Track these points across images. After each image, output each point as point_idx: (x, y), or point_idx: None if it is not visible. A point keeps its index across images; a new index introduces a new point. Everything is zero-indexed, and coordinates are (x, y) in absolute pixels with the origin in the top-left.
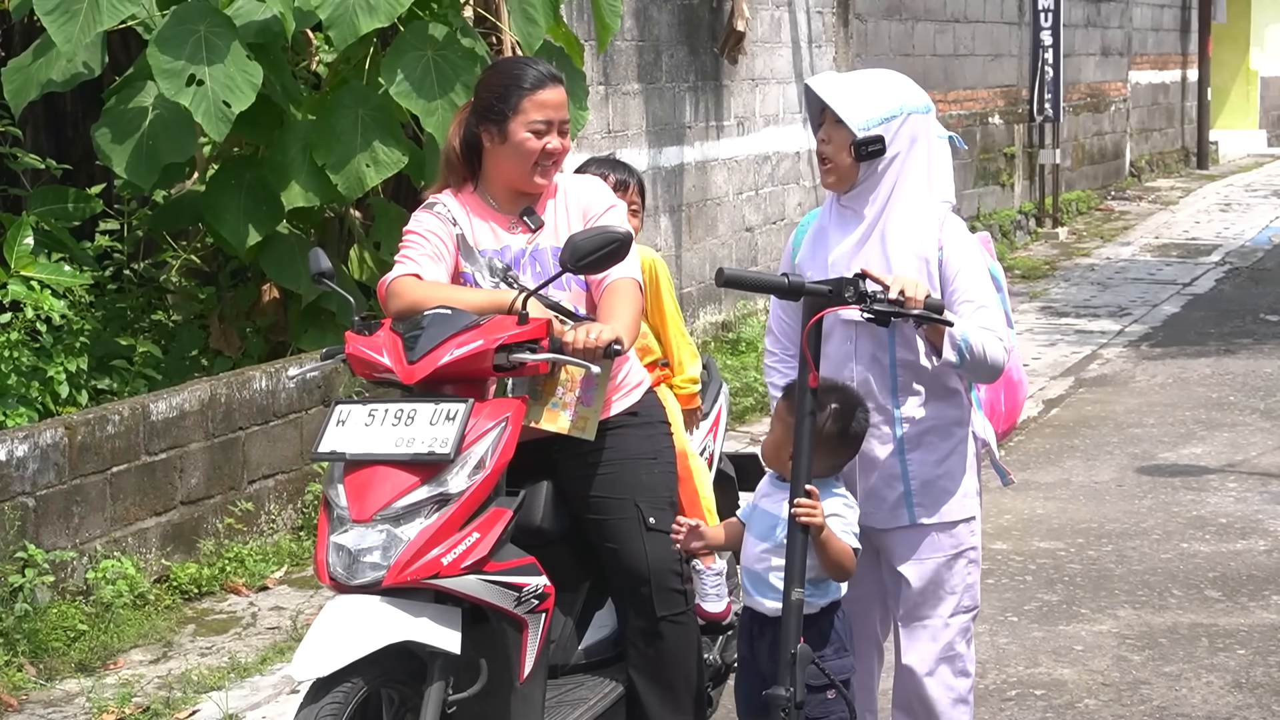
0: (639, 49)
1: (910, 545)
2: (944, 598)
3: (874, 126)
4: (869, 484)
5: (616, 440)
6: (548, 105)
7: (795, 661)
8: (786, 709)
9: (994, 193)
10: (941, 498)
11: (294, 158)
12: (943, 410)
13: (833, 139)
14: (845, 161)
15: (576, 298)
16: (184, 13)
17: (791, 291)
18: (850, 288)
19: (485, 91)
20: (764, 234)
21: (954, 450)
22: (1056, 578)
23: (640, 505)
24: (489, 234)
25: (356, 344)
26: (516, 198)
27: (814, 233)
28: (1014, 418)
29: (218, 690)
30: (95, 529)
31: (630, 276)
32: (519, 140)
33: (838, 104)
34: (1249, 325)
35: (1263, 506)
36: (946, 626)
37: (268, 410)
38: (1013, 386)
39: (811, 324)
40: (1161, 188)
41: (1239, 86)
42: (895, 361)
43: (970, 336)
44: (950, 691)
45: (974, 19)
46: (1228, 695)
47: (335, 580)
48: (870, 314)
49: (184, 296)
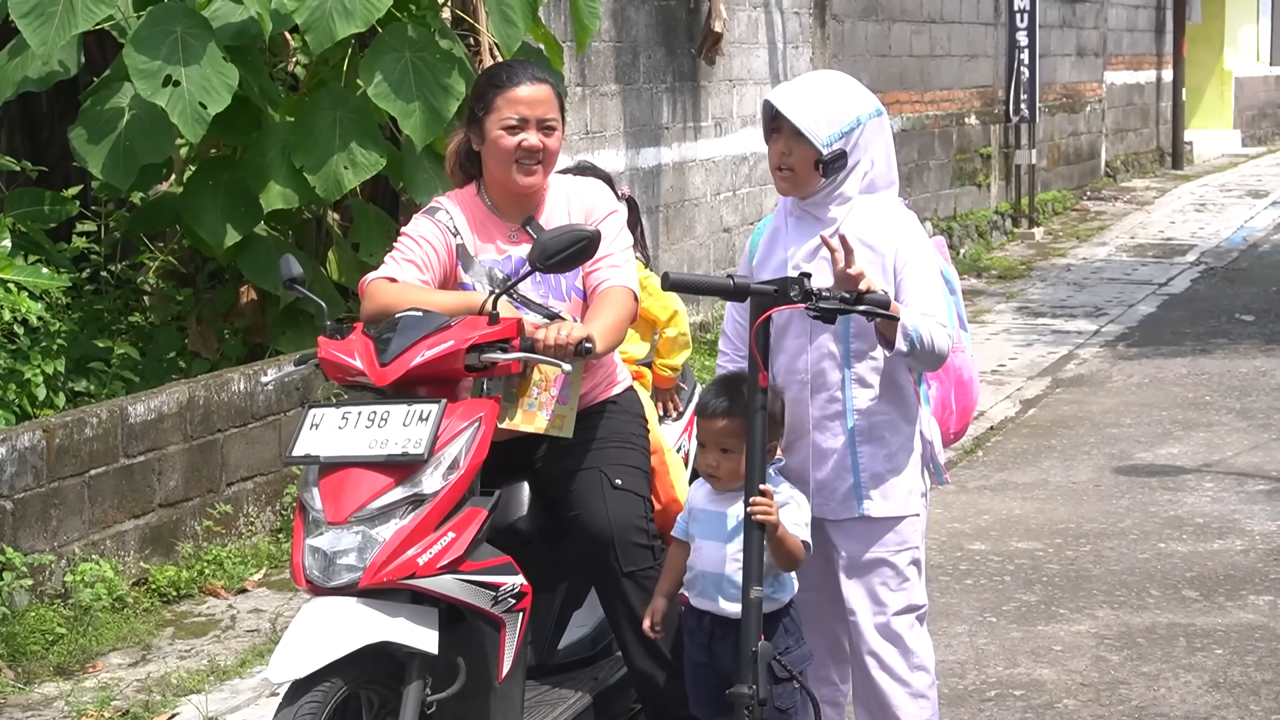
0: (616, 50)
1: (857, 538)
2: (888, 593)
3: (835, 141)
4: (821, 475)
5: (591, 423)
6: (520, 102)
7: (756, 659)
8: (750, 706)
9: (970, 193)
10: (889, 491)
11: (272, 159)
12: (893, 405)
13: (794, 151)
14: (807, 173)
15: (575, 308)
16: (161, 14)
17: (737, 293)
18: (795, 287)
19: (471, 95)
20: (741, 235)
21: (902, 446)
22: (1035, 578)
23: (605, 471)
24: (490, 244)
25: (329, 348)
26: (515, 202)
27: (769, 235)
28: (966, 418)
29: (197, 693)
30: (73, 532)
31: (623, 285)
32: (494, 138)
33: (802, 121)
34: (1224, 325)
35: (1239, 506)
36: (890, 621)
37: (246, 412)
38: (964, 385)
39: (759, 323)
40: (1137, 188)
41: (1213, 87)
42: (849, 354)
43: (919, 326)
44: (905, 687)
45: (950, 19)
46: (1206, 695)
47: (311, 582)
48: (816, 312)
49: (161, 298)
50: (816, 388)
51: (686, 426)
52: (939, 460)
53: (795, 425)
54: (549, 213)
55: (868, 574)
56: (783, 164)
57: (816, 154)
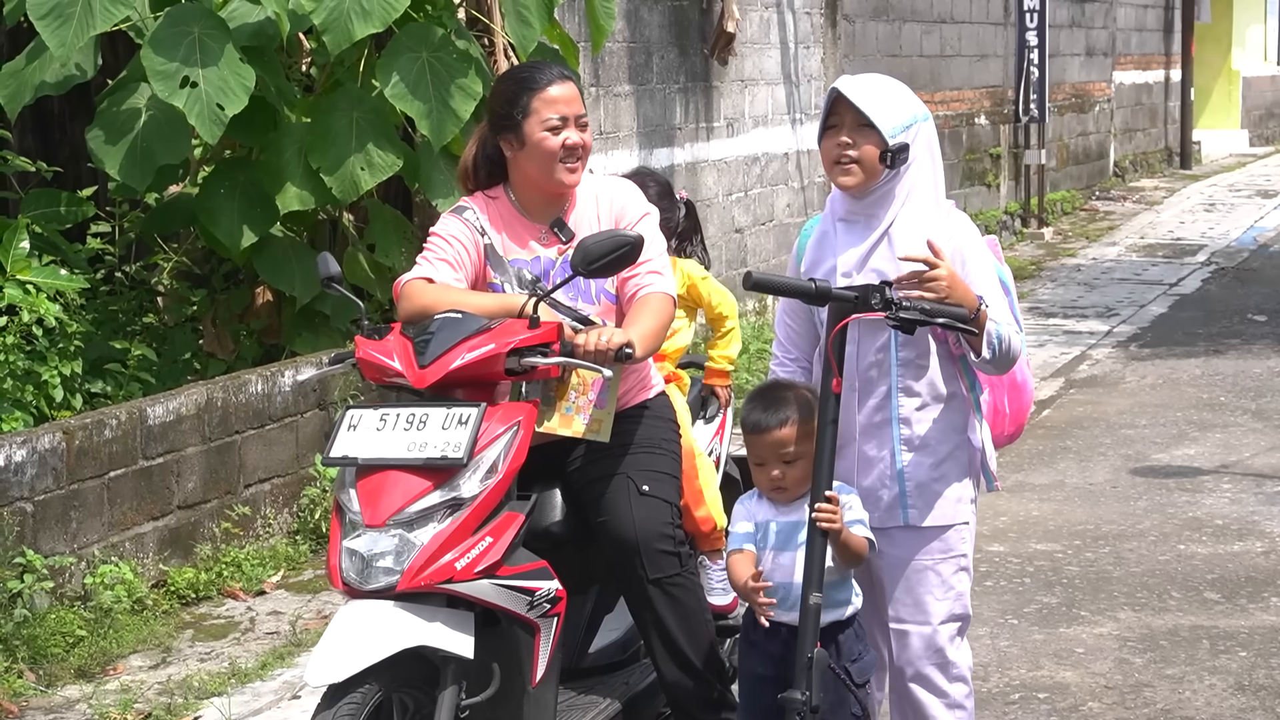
0: (630, 50)
1: (902, 547)
2: (933, 602)
3: (899, 134)
4: (865, 483)
5: (623, 427)
6: (558, 101)
7: (812, 665)
8: (802, 712)
9: (980, 193)
10: (936, 501)
11: (288, 160)
12: (942, 413)
13: (859, 143)
14: (872, 166)
15: (605, 311)
16: (178, 14)
17: (818, 297)
18: (876, 294)
19: (495, 102)
20: (753, 235)
21: (951, 454)
22: (1055, 580)
23: (633, 477)
24: (520, 245)
25: (367, 348)
26: (547, 204)
27: (817, 239)
28: (1020, 420)
29: (219, 696)
30: (93, 534)
31: (662, 291)
32: (537, 140)
33: (871, 110)
34: (1237, 325)
35: (1258, 508)
36: (935, 632)
37: (264, 414)
38: (1017, 388)
39: (837, 330)
40: (1145, 188)
41: (1221, 86)
42: (897, 362)
43: (1001, 331)
44: (942, 697)
45: (960, 19)
46: (1231, 698)
47: (348, 585)
48: (895, 322)
49: (175, 299)
50: (864, 395)
51: (718, 430)
52: (991, 467)
53: (842, 432)
54: (578, 213)
55: (913, 583)
56: (844, 156)
57: (882, 144)
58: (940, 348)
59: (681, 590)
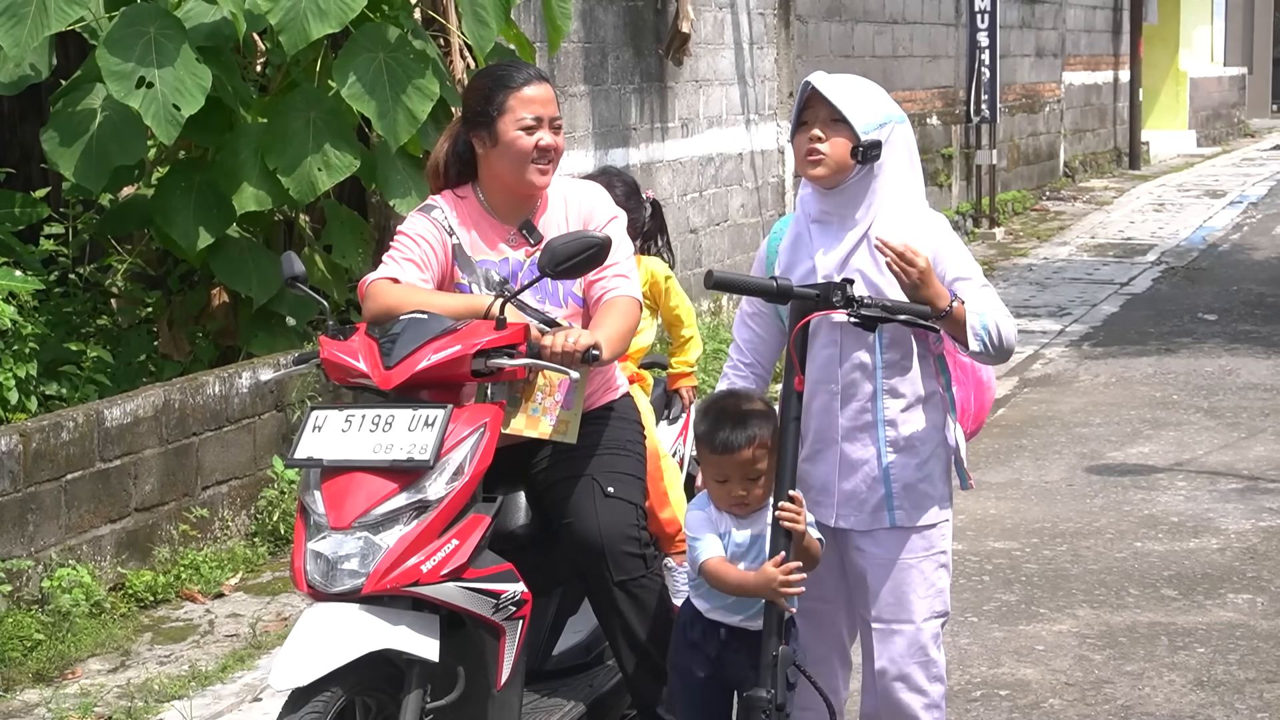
0: (585, 51)
1: (886, 547)
2: (916, 601)
3: (871, 131)
4: (849, 486)
5: (587, 429)
6: (535, 101)
7: (776, 663)
8: (768, 710)
9: (932, 193)
10: (921, 501)
11: (245, 161)
12: (925, 413)
13: (830, 137)
14: (842, 161)
15: (574, 315)
16: (133, 15)
17: (780, 295)
18: (838, 292)
19: (471, 97)
20: (708, 235)
21: (933, 453)
22: (1014, 578)
23: (598, 479)
24: (489, 246)
25: (332, 348)
26: (516, 205)
27: (790, 242)
28: (981, 418)
29: (179, 699)
30: (50, 537)
31: (629, 295)
32: (510, 139)
33: (844, 104)
34: (1188, 325)
35: (1213, 505)
36: (919, 630)
37: (221, 416)
38: (982, 386)
39: (799, 328)
40: (1095, 188)
41: (1169, 87)
42: (881, 365)
43: (986, 321)
44: (922, 696)
45: (912, 20)
46: (1190, 694)
47: (313, 588)
48: (857, 319)
49: (130, 301)
50: (847, 398)
51: (682, 430)
52: (963, 465)
53: (822, 434)
54: (547, 216)
55: (897, 582)
56: (818, 148)
57: (854, 140)
58: (920, 346)
59: (646, 592)
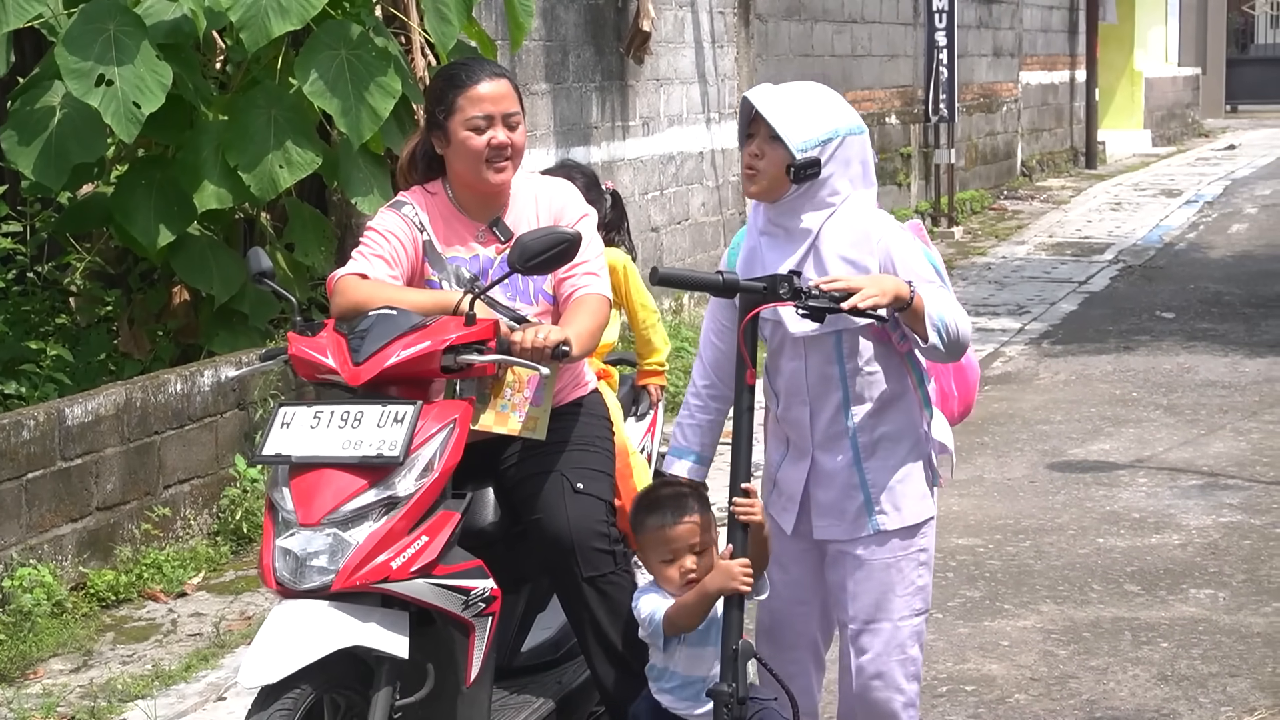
0: (546, 49)
1: (869, 552)
2: (895, 599)
3: (811, 148)
4: (827, 497)
5: (556, 425)
6: (484, 99)
7: (737, 657)
8: (729, 704)
9: (890, 192)
10: (902, 502)
11: (206, 158)
12: (895, 415)
13: (767, 154)
14: (777, 178)
15: (544, 313)
16: (93, 12)
17: (726, 289)
18: (785, 284)
19: (427, 99)
20: (669, 234)
21: (908, 453)
22: (977, 574)
23: (567, 475)
24: (459, 242)
25: (300, 345)
26: (483, 202)
27: (745, 254)
28: (969, 399)
29: (143, 699)
30: (11, 536)
31: (598, 292)
32: (460, 139)
33: (778, 122)
34: (1146, 323)
35: (1174, 501)
36: (898, 629)
37: (183, 414)
38: (961, 368)
39: (747, 321)
40: (1052, 187)
41: (1124, 87)
42: (845, 374)
43: (944, 315)
44: (900, 695)
45: (871, 20)
46: (1155, 688)
47: (282, 585)
48: (805, 310)
49: (89, 300)
50: (818, 409)
51: (650, 427)
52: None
53: (796, 445)
54: (517, 213)
55: (878, 582)
56: (754, 165)
57: (789, 159)
58: (880, 348)
59: (615, 589)
